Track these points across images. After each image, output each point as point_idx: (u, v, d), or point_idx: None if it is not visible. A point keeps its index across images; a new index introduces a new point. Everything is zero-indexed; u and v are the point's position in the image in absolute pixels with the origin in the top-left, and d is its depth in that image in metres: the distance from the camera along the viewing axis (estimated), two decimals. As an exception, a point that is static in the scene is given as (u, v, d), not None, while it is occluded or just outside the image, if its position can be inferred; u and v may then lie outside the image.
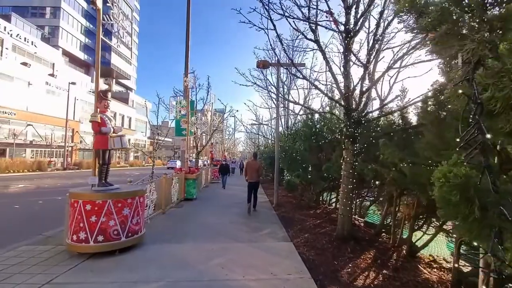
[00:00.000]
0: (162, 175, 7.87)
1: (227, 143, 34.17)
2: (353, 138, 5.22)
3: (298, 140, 9.65)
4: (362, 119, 5.35)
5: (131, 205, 4.55)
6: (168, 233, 5.65)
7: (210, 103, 18.43)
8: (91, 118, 4.58)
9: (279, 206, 9.07)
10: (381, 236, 6.17)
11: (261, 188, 14.41)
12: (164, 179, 7.82)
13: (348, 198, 5.26)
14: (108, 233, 4.28)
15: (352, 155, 5.28)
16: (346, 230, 5.23)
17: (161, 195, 7.74)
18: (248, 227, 6.21)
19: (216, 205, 9.29)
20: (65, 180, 18.20)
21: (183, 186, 10.12)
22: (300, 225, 6.47)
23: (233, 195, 11.84)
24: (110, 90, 4.69)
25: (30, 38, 39.06)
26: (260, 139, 25.79)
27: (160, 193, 7.74)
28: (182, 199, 9.97)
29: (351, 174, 5.26)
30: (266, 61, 9.11)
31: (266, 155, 19.06)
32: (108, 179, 4.90)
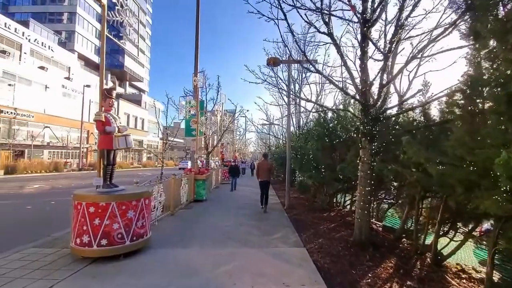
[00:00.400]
0: (171, 176, 7.70)
1: (238, 143, 34.04)
2: (371, 136, 4.84)
3: (311, 140, 9.28)
4: (380, 116, 4.96)
5: (136, 208, 4.35)
6: (175, 236, 5.45)
7: (220, 103, 18.31)
8: (95, 117, 4.43)
9: (290, 208, 8.73)
10: (402, 242, 5.74)
11: (272, 190, 14.12)
12: (172, 180, 7.65)
13: (366, 201, 4.88)
14: (112, 237, 4.10)
15: (370, 155, 4.90)
16: (364, 235, 4.85)
17: (169, 196, 7.57)
18: (259, 230, 5.93)
19: (226, 206, 9.06)
20: (79, 181, 18.50)
21: (193, 187, 9.95)
22: (314, 229, 6.12)
23: (244, 197, 11.59)
24: (115, 88, 4.51)
25: (47, 42, 40.29)
26: (271, 139, 25.46)
27: (168, 195, 7.57)
28: (191, 201, 9.80)
29: (368, 175, 4.88)
30: (276, 58, 8.81)
31: (277, 155, 18.72)
32: (113, 180, 4.74)
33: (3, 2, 52.26)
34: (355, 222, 5.03)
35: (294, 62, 9.55)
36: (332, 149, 8.76)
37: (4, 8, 51.51)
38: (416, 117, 5.78)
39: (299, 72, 12.44)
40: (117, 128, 4.57)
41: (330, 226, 6.38)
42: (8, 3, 53.43)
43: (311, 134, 9.38)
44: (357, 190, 5.08)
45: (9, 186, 14.45)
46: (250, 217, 7.35)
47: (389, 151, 5.38)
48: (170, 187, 7.64)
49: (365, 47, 4.49)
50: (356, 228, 4.95)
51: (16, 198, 10.87)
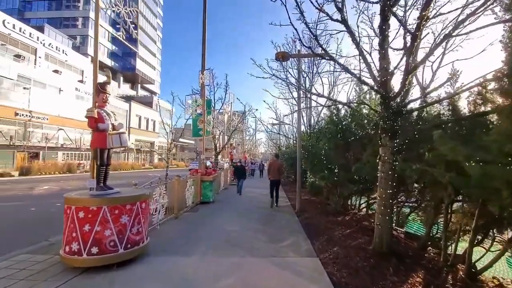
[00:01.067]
0: (174, 177, 7.33)
1: (248, 144, 33.63)
2: (392, 132, 4.28)
3: (323, 139, 8.73)
4: (402, 109, 4.39)
5: (130, 212, 3.96)
6: (177, 241, 5.04)
7: (229, 102, 17.95)
8: (87, 113, 4.07)
9: (302, 211, 8.20)
10: (427, 251, 5.12)
11: (282, 191, 13.57)
12: (176, 181, 7.28)
13: (387, 205, 4.32)
14: (104, 244, 3.71)
15: (391, 153, 4.33)
16: (385, 244, 4.28)
17: (173, 198, 7.20)
18: (267, 236, 5.44)
19: (233, 209, 8.62)
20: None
21: (199, 188, 9.57)
22: (327, 235, 5.58)
23: (253, 199, 11.12)
24: (109, 82, 4.15)
25: (61, 47, 41.21)
26: (281, 139, 24.90)
27: (172, 197, 7.20)
28: (198, 203, 9.41)
29: (390, 176, 4.32)
30: (285, 52, 8.30)
31: (287, 155, 18.16)
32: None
33: (19, 8, 54.01)
34: (375, 229, 4.47)
35: (304, 56, 9.03)
36: (345, 148, 8.18)
37: (20, 14, 53.20)
38: (442, 111, 5.18)
39: (309, 66, 11.85)
40: (111, 125, 4.20)
41: (345, 232, 5.82)
42: (24, 9, 55.20)
43: (323, 132, 8.82)
44: (376, 193, 4.52)
45: (20, 188, 14.54)
46: (258, 221, 6.87)
47: (412, 149, 4.79)
48: (174, 189, 7.27)
49: (385, 30, 3.94)
50: (376, 235, 4.39)
51: (23, 199, 10.81)
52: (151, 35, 71.22)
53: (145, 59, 69.02)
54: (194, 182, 9.02)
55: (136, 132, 51.93)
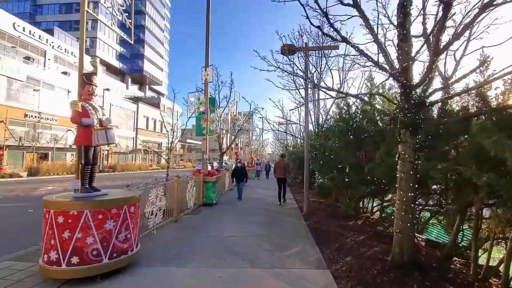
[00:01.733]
0: (174, 178, 6.91)
1: (255, 144, 33.16)
2: (414, 127, 3.73)
3: (332, 137, 8.18)
4: (425, 100, 3.83)
5: (117, 217, 3.53)
6: (172, 249, 4.59)
7: (234, 101, 17.53)
8: (70, 107, 3.67)
9: (310, 214, 7.66)
10: (453, 262, 4.53)
11: (289, 193, 13.03)
12: (176, 182, 6.85)
13: (409, 210, 3.76)
14: (85, 254, 3.29)
15: (412, 151, 3.78)
16: (406, 255, 3.73)
17: (172, 200, 6.78)
18: (271, 243, 4.94)
19: (237, 212, 8.14)
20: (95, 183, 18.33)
21: (202, 190, 9.14)
22: (338, 242, 5.04)
23: (258, 200, 10.63)
24: (96, 73, 3.73)
25: (70, 49, 41.69)
26: (289, 139, 24.32)
27: (171, 199, 6.79)
28: (200, 204, 8.99)
29: (411, 177, 3.77)
30: (292, 45, 7.81)
31: (294, 155, 17.60)
32: (93, 183, 3.98)
33: (30, 12, 55.08)
34: (394, 237, 3.92)
35: (313, 49, 8.51)
36: (357, 146, 7.62)
37: (31, 17, 54.23)
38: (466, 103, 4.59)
39: (317, 62, 11.26)
40: (96, 120, 3.79)
41: (358, 238, 5.26)
42: (35, 13, 56.28)
43: (332, 130, 8.28)
44: (395, 196, 3.97)
45: (24, 188, 14.44)
46: (262, 225, 6.37)
47: (436, 145, 4.22)
48: (173, 190, 6.85)
49: (407, 7, 3.40)
50: (396, 245, 3.84)
51: (24, 200, 10.60)
52: (158, 37, 71.67)
53: (153, 60, 69.50)
54: (196, 183, 8.60)
55: (144, 133, 52.18)
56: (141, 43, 66.56)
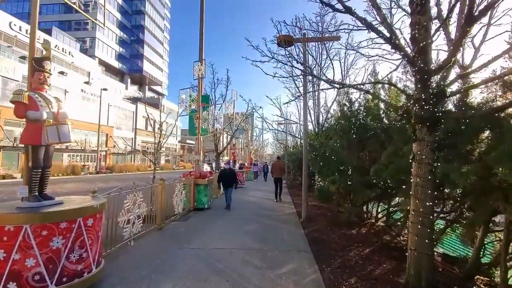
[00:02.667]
0: (158, 181, 6.26)
1: (255, 144, 32.46)
2: (433, 121, 3.06)
3: (333, 136, 7.50)
4: (446, 89, 3.16)
5: (67, 232, 2.87)
6: (146, 265, 3.93)
7: (231, 100, 16.87)
8: (13, 97, 3.02)
9: (309, 220, 6.98)
10: (475, 282, 3.84)
11: (288, 195, 12.36)
12: (160, 186, 6.19)
13: (427, 223, 3.08)
14: (25, 279, 2.63)
15: (430, 151, 3.11)
16: (424, 278, 3.05)
17: (156, 206, 6.13)
18: (264, 258, 4.26)
19: (229, 217, 7.46)
20: (87, 185, 17.74)
21: (193, 193, 8.48)
22: (341, 256, 4.36)
23: (254, 204, 9.95)
24: (48, 57, 3.05)
25: (68, 48, 41.20)
26: (288, 140, 23.61)
27: (155, 204, 6.13)
28: (191, 209, 8.32)
29: (429, 182, 3.09)
30: (289, 36, 7.13)
31: (294, 156, 16.92)
32: (46, 189, 3.32)
33: (29, 12, 54.68)
34: (409, 254, 3.23)
35: (312, 40, 7.83)
36: (360, 146, 6.95)
37: (30, 17, 53.79)
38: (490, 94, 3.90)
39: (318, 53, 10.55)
40: (46, 114, 3.12)
41: (364, 251, 4.58)
42: (35, 13, 55.83)
43: (333, 129, 7.61)
44: (410, 206, 3.29)
45: (10, 191, 13.81)
46: (256, 234, 5.69)
47: (456, 144, 3.53)
48: (158, 195, 6.19)
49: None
50: (411, 265, 3.15)
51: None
52: (158, 37, 71.23)
53: (153, 60, 69.07)
54: (185, 186, 7.94)
55: (143, 134, 51.62)
56: (141, 43, 66.12)
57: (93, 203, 3.23)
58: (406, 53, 3.15)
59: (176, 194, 7.14)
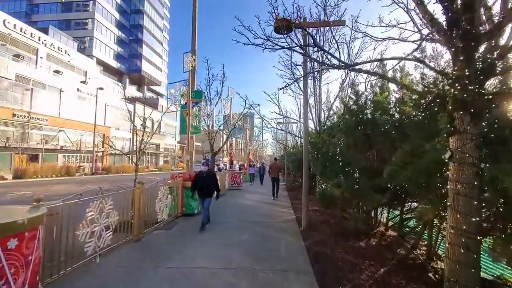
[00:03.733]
0: (136, 185, 5.43)
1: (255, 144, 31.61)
2: (479, 107, 2.22)
3: (337, 134, 6.67)
4: (495, 63, 2.33)
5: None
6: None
7: (228, 98, 16.06)
8: None
9: (310, 229, 6.13)
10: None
11: (287, 198, 11.52)
12: (138, 190, 5.35)
13: (472, 246, 2.25)
14: None
15: (476, 148, 2.28)
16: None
17: (133, 214, 5.29)
18: (253, 282, 3.42)
19: (219, 226, 6.62)
20: (79, 186, 16.92)
21: (181, 197, 7.65)
22: (350, 280, 3.51)
23: (251, 208, 9.12)
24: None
25: (64, 47, 40.46)
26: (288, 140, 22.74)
27: (133, 211, 5.30)
28: (179, 215, 7.49)
29: (475, 190, 2.26)
30: (288, 20, 6.30)
31: (294, 156, 16.07)
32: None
33: (26, 11, 54.09)
34: (446, 287, 2.39)
35: (314, 25, 7.03)
36: (368, 145, 6.11)
37: (27, 17, 53.27)
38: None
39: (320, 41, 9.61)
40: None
41: (378, 272, 3.73)
42: (31, 12, 55.31)
43: (337, 125, 6.79)
44: (448, 221, 2.45)
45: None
46: (247, 248, 4.85)
47: (506, 139, 2.69)
48: (137, 200, 5.36)
49: None
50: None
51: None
52: (157, 37, 70.58)
53: (151, 60, 68.42)
54: (172, 190, 7.11)
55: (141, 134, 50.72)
56: (139, 43, 65.47)
57: (20, 217, 2.39)
58: (436, 21, 2.32)
59: (160, 199, 6.31)
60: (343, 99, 11.71)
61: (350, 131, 6.19)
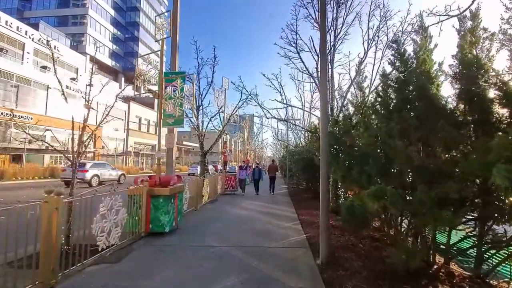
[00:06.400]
0: (45, 197, 3.25)
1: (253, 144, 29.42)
2: None
3: (376, 115, 4.49)
4: None
5: None
6: None
7: (222, 89, 13.91)
8: None
9: (332, 264, 3.95)
10: None
11: (291, 206, 9.33)
12: (48, 206, 3.18)
13: None
14: None
15: None
16: None
17: (41, 244, 3.12)
18: None
19: (198, 254, 4.44)
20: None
21: (147, 210, 5.47)
22: None
23: (245, 221, 6.92)
24: None
25: (53, 42, 38.34)
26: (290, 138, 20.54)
27: (42, 240, 3.13)
28: (142, 235, 5.32)
29: None
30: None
31: (297, 156, 13.85)
32: None
33: (18, 7, 52.23)
34: None
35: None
36: (424, 135, 3.94)
37: (19, 13, 51.47)
38: None
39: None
40: None
41: None
42: (24, 8, 53.49)
43: (371, 106, 4.64)
44: None
45: None
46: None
47: None
48: (44, 223, 3.18)
49: None
50: None
51: None
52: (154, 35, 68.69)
53: (148, 59, 66.38)
54: (135, 199, 4.95)
55: (136, 134, 48.82)
56: (136, 41, 63.59)
57: None
58: None
59: (103, 216, 4.13)
60: (359, 84, 9.54)
61: (394, 112, 4.03)
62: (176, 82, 7.20)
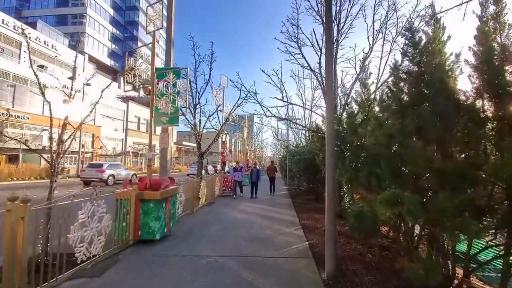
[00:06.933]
0: (7, 205, 2.81)
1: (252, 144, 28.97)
2: None
3: (386, 112, 4.05)
4: None
5: None
6: None
7: (220, 87, 13.48)
8: None
9: (340, 278, 3.51)
10: None
11: (291, 209, 8.89)
12: (10, 214, 2.74)
13: None
14: None
15: None
16: None
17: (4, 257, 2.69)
18: None
19: (188, 266, 4.00)
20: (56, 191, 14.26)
21: (136, 215, 5.03)
22: None
23: (243, 225, 6.48)
24: None
25: (51, 41, 38.05)
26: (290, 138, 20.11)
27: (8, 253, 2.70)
28: (130, 243, 4.88)
29: None
30: None
31: (298, 156, 13.41)
32: None
33: (16, 6, 51.84)
34: None
35: None
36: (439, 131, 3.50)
37: (17, 12, 51.11)
38: None
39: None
40: None
41: None
42: (22, 7, 53.13)
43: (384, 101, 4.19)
44: None
45: None
46: None
47: None
48: (7, 234, 2.75)
49: None
50: None
51: None
52: (147, 28, 68.28)
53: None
54: (123, 204, 4.51)
55: (135, 135, 48.36)
56: (135, 40, 63.17)
57: None
58: None
59: (84, 223, 3.69)
60: (363, 81, 9.09)
61: (408, 109, 3.59)
62: (169, 77, 6.76)
